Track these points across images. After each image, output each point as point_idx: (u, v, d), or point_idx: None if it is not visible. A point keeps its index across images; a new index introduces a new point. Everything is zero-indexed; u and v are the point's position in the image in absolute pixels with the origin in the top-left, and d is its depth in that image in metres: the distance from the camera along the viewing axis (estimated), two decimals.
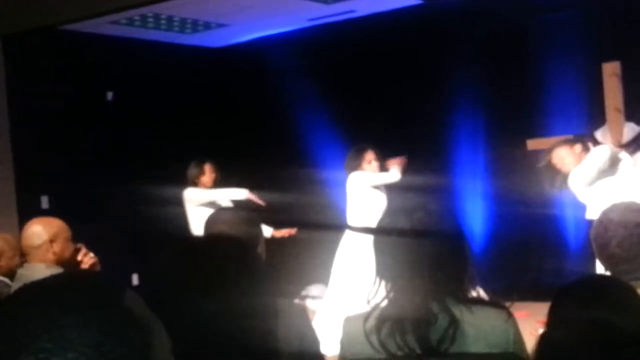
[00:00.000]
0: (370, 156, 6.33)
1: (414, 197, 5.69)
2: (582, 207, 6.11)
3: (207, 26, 7.61)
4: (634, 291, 1.83)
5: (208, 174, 6.69)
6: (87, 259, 3.59)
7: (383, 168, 6.32)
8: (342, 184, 6.66)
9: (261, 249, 2.66)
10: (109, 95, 7.87)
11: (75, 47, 7.31)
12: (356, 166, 6.34)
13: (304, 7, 7.07)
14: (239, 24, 7.59)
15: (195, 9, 6.93)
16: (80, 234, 3.69)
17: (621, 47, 6.39)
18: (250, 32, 8.04)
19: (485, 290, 5.78)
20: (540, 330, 1.97)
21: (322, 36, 7.82)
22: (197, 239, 1.60)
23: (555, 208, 6.59)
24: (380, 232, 2.17)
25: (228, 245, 1.52)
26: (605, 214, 2.46)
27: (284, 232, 6.54)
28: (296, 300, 5.71)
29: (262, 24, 7.71)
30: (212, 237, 1.85)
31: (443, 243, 2.10)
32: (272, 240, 6.21)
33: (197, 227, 6.39)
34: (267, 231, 6.25)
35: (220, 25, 7.61)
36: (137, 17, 7.06)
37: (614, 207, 2.50)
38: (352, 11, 7.34)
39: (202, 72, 8.34)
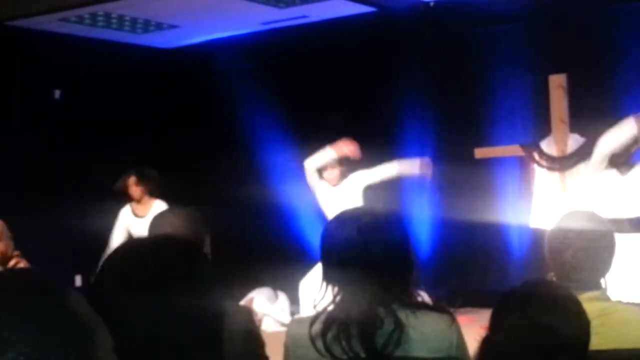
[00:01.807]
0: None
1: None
2: (525, 215, 6.22)
3: (159, 27, 7.55)
4: (575, 299, 1.87)
5: (133, 187, 6.49)
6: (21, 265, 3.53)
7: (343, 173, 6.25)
8: (291, 189, 6.67)
9: (207, 250, 2.64)
10: (56, 93, 7.75)
11: (22, 43, 7.18)
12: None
13: (257, 11, 7.06)
14: (191, 25, 7.54)
15: (147, 9, 6.86)
16: (23, 236, 3.63)
17: (567, 59, 6.53)
18: (203, 34, 7.99)
19: (430, 296, 5.84)
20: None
21: (275, 40, 7.83)
22: (142, 239, 1.58)
23: (500, 215, 6.69)
24: (327, 236, 2.18)
25: (172, 245, 1.51)
26: (564, 221, 2.49)
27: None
28: (242, 303, 5.69)
29: (215, 26, 7.67)
30: (157, 238, 1.84)
31: (389, 248, 2.12)
32: (219, 241, 6.17)
33: None
34: None
35: (172, 26, 7.56)
36: (87, 16, 6.97)
37: (574, 215, 2.53)
38: (304, 16, 7.36)
39: (152, 72, 8.26)
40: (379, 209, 2.29)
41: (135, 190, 6.47)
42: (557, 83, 6.18)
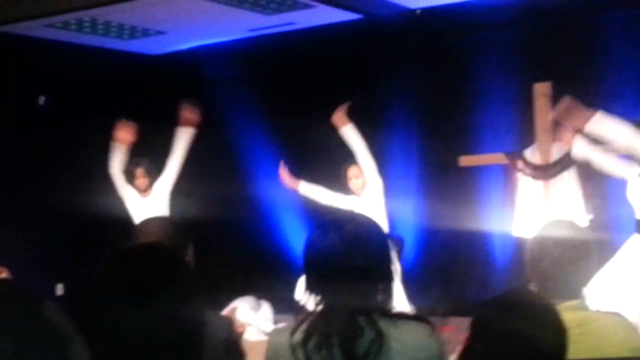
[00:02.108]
0: (351, 173, 6.22)
1: (344, 211, 5.74)
2: (509, 223, 6.25)
3: (146, 33, 7.54)
4: (553, 308, 1.89)
5: (141, 178, 6.54)
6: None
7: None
8: (278, 196, 6.67)
9: (190, 258, 2.64)
10: (41, 99, 7.72)
11: (8, 49, 7.15)
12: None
13: (244, 17, 7.06)
14: (177, 31, 7.54)
15: (134, 16, 6.86)
16: (4, 243, 3.61)
17: (552, 68, 6.56)
18: (189, 40, 7.99)
19: (413, 304, 5.86)
20: None
21: (262, 47, 7.83)
22: (125, 247, 1.58)
23: (484, 224, 6.72)
24: (310, 244, 2.18)
25: (155, 253, 1.51)
26: (544, 230, 2.51)
27: None
28: (225, 312, 5.66)
29: (201, 33, 7.68)
30: (140, 246, 1.84)
31: (371, 257, 2.13)
32: (203, 249, 6.16)
33: None
34: None
35: (158, 32, 7.55)
36: (73, 21, 6.95)
37: (553, 225, 2.55)
38: (291, 23, 7.37)
39: (139, 79, 8.25)
40: (361, 217, 2.29)
41: (142, 181, 6.48)
42: (542, 91, 6.22)
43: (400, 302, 5.51)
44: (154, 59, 8.37)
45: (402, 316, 2.12)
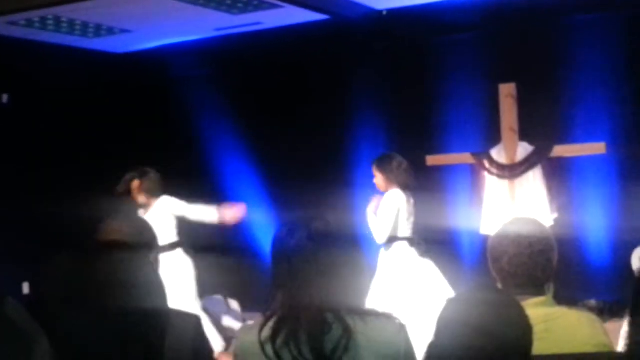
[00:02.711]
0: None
1: (313, 208, 5.74)
2: (476, 222, 6.30)
3: (111, 31, 7.47)
4: (518, 304, 1.90)
5: (136, 192, 6.19)
6: None
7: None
8: (244, 194, 6.63)
9: (155, 257, 2.62)
10: (4, 98, 7.61)
11: None
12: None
13: (210, 17, 7.03)
14: (143, 30, 7.48)
15: (98, 14, 6.78)
16: None
17: (517, 69, 6.63)
18: (155, 39, 7.93)
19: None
20: None
21: (229, 46, 7.80)
22: (87, 246, 1.55)
23: (452, 222, 6.76)
24: (278, 241, 2.18)
25: (118, 253, 1.49)
26: (502, 228, 2.53)
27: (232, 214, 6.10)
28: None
29: (168, 32, 7.62)
30: (102, 245, 1.81)
31: (339, 253, 2.13)
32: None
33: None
34: (212, 215, 6.07)
35: (124, 31, 7.48)
36: (36, 19, 6.86)
37: (511, 223, 2.57)
38: (258, 23, 7.35)
39: (104, 77, 8.16)
40: (330, 214, 2.29)
41: (139, 196, 6.16)
42: (507, 92, 6.29)
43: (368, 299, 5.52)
44: (119, 57, 8.30)
45: (370, 312, 2.12)
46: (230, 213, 6.14)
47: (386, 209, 5.71)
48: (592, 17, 6.70)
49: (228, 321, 7.14)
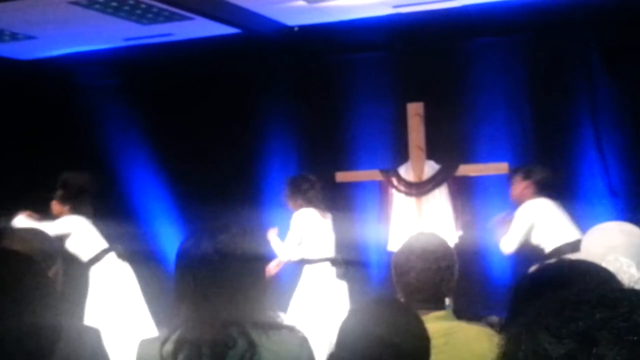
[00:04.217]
0: None
1: (218, 222, 5.70)
2: (384, 238, 6.37)
3: (14, 37, 7.25)
4: (417, 317, 1.93)
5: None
6: None
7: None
8: (150, 206, 6.52)
9: (56, 270, 2.54)
10: None
11: None
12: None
13: (119, 26, 6.91)
14: (49, 37, 7.28)
15: (1, 18, 6.57)
16: None
17: (425, 89, 6.77)
18: (62, 46, 7.74)
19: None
20: None
21: (139, 57, 7.69)
22: None
23: (359, 239, 6.82)
24: (183, 252, 2.15)
25: (14, 263, 1.44)
26: (409, 244, 2.57)
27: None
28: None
29: (75, 39, 7.45)
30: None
31: (244, 266, 2.11)
32: (75, 261, 5.94)
33: None
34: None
35: (28, 37, 7.27)
36: None
37: (416, 238, 2.61)
38: (169, 34, 7.27)
39: (7, 84, 7.91)
40: (235, 227, 2.27)
41: (56, 207, 5.92)
42: (415, 111, 6.40)
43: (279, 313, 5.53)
44: (23, 64, 8.06)
45: (273, 326, 2.11)
46: None
47: (292, 228, 5.95)
48: (494, 40, 6.93)
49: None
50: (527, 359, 0.75)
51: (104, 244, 6.01)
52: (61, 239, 5.63)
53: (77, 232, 5.93)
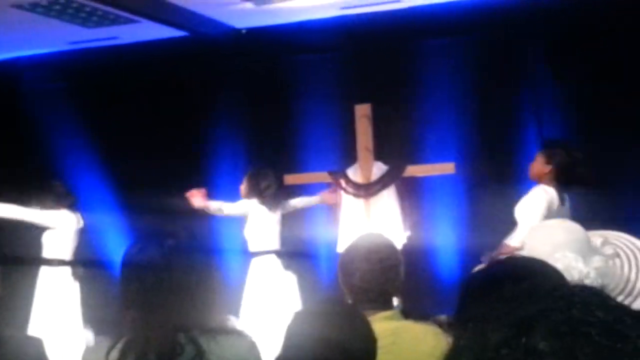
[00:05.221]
0: None
1: (166, 226, 5.66)
2: (333, 240, 6.39)
3: None
4: (363, 317, 1.95)
5: None
6: None
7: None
8: (95, 212, 6.44)
9: None
10: None
11: None
12: None
13: (64, 30, 6.81)
14: None
15: None
16: None
17: (372, 90, 6.81)
18: (5, 50, 7.60)
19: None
20: None
21: (85, 60, 7.60)
22: None
23: (308, 241, 6.84)
24: (128, 258, 2.13)
25: None
26: (353, 245, 2.58)
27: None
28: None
29: (19, 43, 7.32)
30: None
31: (191, 272, 2.10)
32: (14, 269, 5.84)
33: None
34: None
35: None
36: None
37: (361, 240, 2.62)
38: (114, 37, 7.19)
39: None
40: (183, 232, 2.26)
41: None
42: (362, 113, 6.44)
43: (229, 317, 5.53)
44: None
45: (221, 331, 2.10)
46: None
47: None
48: (441, 42, 7.00)
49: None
50: (468, 347, 0.78)
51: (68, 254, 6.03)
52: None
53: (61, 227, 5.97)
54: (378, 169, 6.40)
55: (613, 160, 6.25)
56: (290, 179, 6.69)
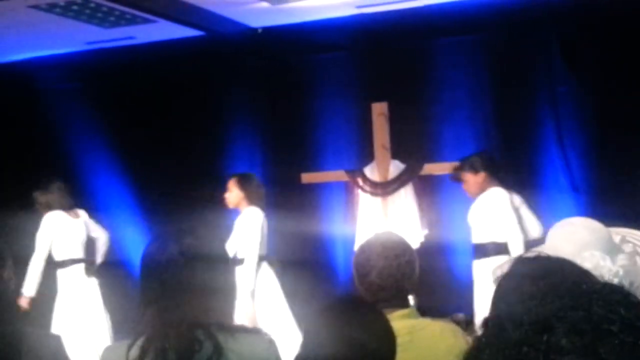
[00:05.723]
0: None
1: (183, 223, 5.67)
2: (351, 238, 6.39)
3: None
4: (382, 315, 1.95)
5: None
6: None
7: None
8: (114, 207, 6.46)
9: (9, 274, 2.51)
10: None
11: None
12: None
13: (81, 30, 6.85)
14: (9, 41, 7.19)
15: None
16: None
17: (389, 88, 6.80)
18: (23, 50, 7.65)
19: None
20: None
21: (102, 60, 7.63)
22: None
23: (325, 240, 6.84)
24: (148, 256, 2.14)
25: None
26: (368, 243, 2.58)
27: None
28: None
29: (36, 43, 7.37)
30: None
31: (210, 268, 2.11)
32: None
33: None
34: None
35: None
36: None
37: (376, 238, 2.63)
38: (131, 37, 7.22)
39: None
40: (200, 228, 2.26)
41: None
42: (379, 111, 6.44)
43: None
44: None
45: (239, 329, 2.11)
46: None
47: (252, 227, 5.79)
48: (457, 39, 6.98)
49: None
50: (489, 344, 0.78)
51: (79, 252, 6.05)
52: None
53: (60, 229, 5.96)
54: (395, 167, 6.39)
55: (632, 155, 6.21)
56: (307, 177, 6.71)
